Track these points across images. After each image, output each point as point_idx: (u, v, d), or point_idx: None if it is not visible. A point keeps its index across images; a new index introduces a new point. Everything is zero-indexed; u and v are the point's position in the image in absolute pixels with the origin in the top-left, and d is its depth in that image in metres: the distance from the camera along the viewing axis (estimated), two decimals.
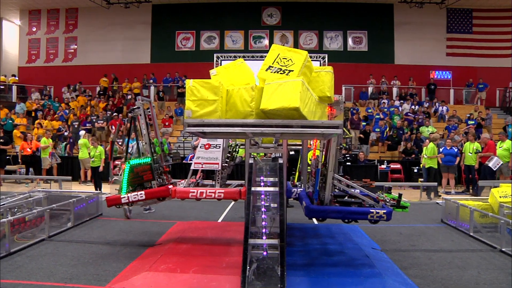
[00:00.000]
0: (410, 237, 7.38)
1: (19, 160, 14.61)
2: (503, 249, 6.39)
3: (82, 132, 15.44)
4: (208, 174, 8.21)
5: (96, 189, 11.89)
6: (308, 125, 3.96)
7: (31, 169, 14.66)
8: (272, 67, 4.06)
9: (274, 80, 3.90)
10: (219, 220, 8.85)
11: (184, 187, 6.62)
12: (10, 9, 23.14)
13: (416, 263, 5.85)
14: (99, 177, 12.32)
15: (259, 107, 3.93)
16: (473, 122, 17.44)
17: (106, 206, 6.61)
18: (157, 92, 20.76)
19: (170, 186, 6.33)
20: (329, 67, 4.55)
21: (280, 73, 3.97)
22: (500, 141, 13.23)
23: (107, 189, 11.16)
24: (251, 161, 5.43)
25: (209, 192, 6.20)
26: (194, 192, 6.24)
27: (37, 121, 17.78)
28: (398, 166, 14.98)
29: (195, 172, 7.00)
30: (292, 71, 3.95)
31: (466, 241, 7.18)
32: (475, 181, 13.00)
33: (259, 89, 3.96)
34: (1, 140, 14.66)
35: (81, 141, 14.42)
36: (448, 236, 7.56)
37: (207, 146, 6.55)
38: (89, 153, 13.17)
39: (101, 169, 12.42)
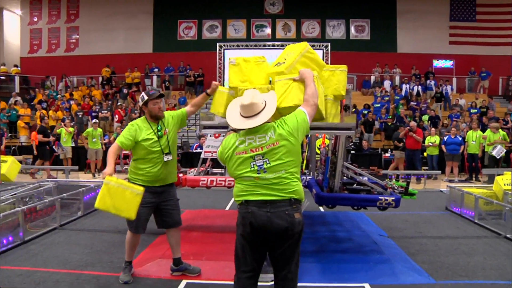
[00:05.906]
0: (416, 224, 7.49)
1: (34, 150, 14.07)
2: (507, 236, 6.48)
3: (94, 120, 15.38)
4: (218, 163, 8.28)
5: None
6: (322, 127, 4.09)
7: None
8: (280, 63, 4.16)
9: (281, 78, 3.90)
10: (227, 208, 8.95)
11: (194, 175, 6.71)
12: None
13: (423, 249, 5.95)
14: None
15: None
16: (476, 110, 17.48)
17: None
18: (163, 82, 20.76)
19: (180, 175, 6.41)
20: (344, 66, 4.65)
21: (278, 66, 4.06)
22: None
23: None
24: None
25: (220, 180, 6.28)
26: (204, 180, 6.33)
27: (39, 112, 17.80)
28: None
29: (204, 160, 7.07)
30: (284, 63, 4.02)
31: (471, 228, 7.28)
32: (478, 169, 13.13)
33: (273, 88, 4.03)
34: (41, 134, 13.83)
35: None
36: (453, 223, 7.66)
37: (216, 135, 6.61)
38: None
39: None
